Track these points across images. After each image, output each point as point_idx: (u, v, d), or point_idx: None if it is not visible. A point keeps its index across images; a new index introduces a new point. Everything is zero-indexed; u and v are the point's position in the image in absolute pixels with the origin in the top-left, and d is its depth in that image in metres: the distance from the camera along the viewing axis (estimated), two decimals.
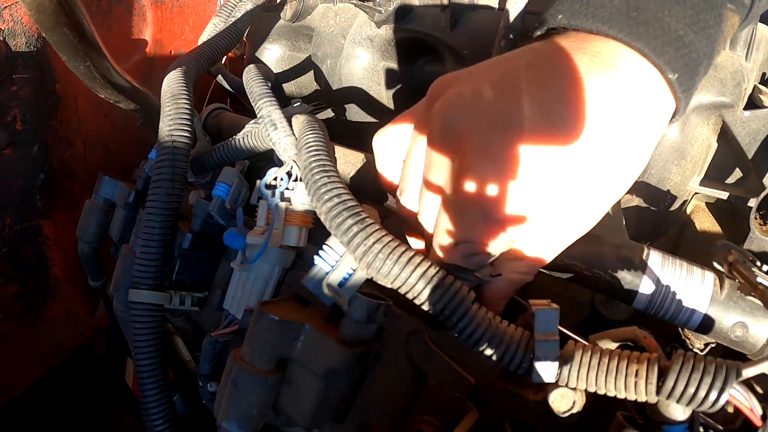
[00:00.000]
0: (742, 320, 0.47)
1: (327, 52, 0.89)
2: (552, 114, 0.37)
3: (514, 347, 0.39)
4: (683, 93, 0.38)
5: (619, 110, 0.37)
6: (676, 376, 0.34)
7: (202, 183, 0.73)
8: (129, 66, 0.93)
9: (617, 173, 0.40)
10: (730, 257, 0.46)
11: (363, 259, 0.41)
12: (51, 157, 0.84)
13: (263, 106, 0.63)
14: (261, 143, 0.65)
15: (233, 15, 0.83)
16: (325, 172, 0.47)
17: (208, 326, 0.65)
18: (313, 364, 0.43)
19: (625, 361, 0.37)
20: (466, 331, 0.40)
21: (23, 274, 0.85)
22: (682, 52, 0.37)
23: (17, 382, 0.93)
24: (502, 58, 0.42)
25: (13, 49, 0.75)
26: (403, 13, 0.81)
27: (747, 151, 0.66)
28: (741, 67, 0.65)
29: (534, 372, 0.38)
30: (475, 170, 0.39)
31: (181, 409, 0.74)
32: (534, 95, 0.38)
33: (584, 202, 0.40)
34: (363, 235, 0.41)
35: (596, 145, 0.38)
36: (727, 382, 0.33)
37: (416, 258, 0.41)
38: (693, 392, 0.34)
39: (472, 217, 0.41)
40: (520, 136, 0.38)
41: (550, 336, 0.38)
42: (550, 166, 0.38)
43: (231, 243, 0.57)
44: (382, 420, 0.49)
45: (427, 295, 0.40)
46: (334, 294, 0.45)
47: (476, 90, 0.40)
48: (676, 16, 0.37)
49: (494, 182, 0.39)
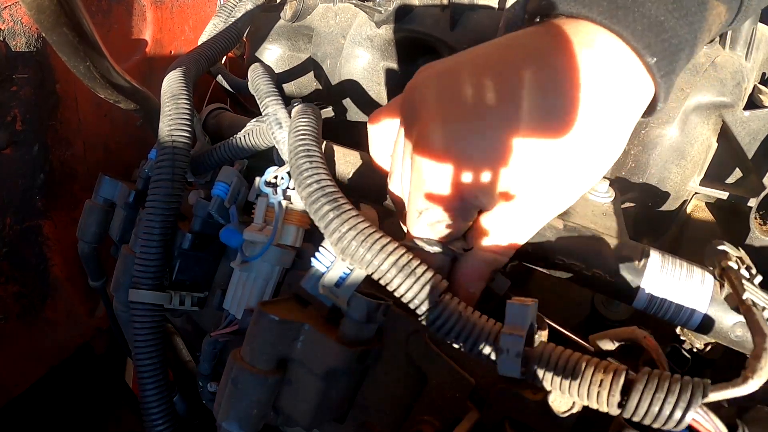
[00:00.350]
0: (742, 320, 0.46)
1: (327, 52, 0.89)
2: (511, 88, 0.38)
3: (483, 338, 0.39)
4: (662, 78, 0.39)
5: (593, 91, 0.38)
6: (640, 393, 0.33)
7: (202, 183, 0.73)
8: (129, 66, 0.93)
9: (591, 157, 0.40)
10: (723, 263, 0.45)
11: (337, 245, 0.42)
12: (51, 157, 0.84)
13: (269, 104, 0.63)
14: (263, 141, 0.65)
15: (233, 15, 0.83)
16: (308, 157, 0.47)
17: (208, 326, 0.65)
18: (313, 364, 0.43)
19: (592, 369, 0.36)
20: (437, 322, 0.40)
21: (23, 274, 0.85)
22: (663, 37, 0.37)
23: (17, 382, 0.93)
24: (474, 48, 0.44)
25: (13, 49, 0.75)
26: (403, 13, 0.81)
27: (747, 151, 0.66)
28: (741, 67, 0.65)
29: (498, 365, 0.38)
30: (430, 138, 0.40)
31: (181, 409, 0.74)
32: (497, 71, 0.39)
33: (557, 184, 0.40)
34: (338, 222, 0.41)
35: (570, 127, 0.38)
36: (692, 403, 0.32)
37: (389, 246, 0.41)
38: (657, 411, 0.33)
39: (431, 185, 0.41)
40: (477, 104, 0.39)
41: (517, 330, 0.38)
42: (501, 140, 0.39)
43: (228, 240, 0.57)
44: (382, 420, 0.49)
45: (398, 282, 0.40)
46: (331, 294, 0.45)
47: (441, 69, 0.42)
48: (657, 2, 0.37)
49: (449, 148, 0.39)
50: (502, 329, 0.38)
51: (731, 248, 0.46)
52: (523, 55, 0.39)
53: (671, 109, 0.65)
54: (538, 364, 0.37)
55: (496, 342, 0.38)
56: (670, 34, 0.38)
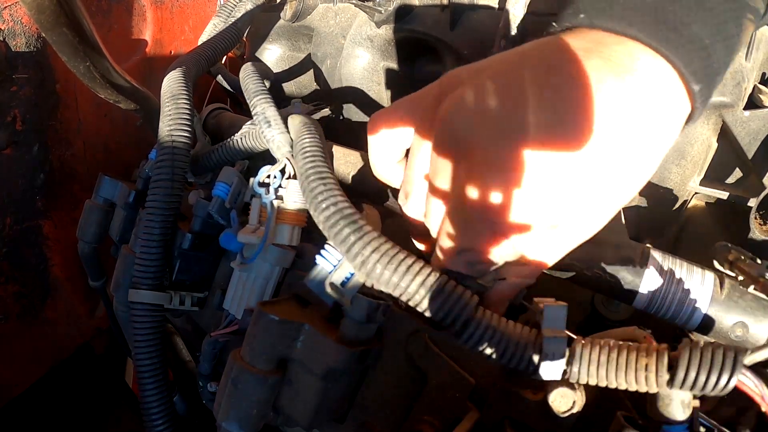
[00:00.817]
0: (743, 320, 0.47)
1: (327, 52, 0.89)
2: (558, 121, 0.36)
3: (523, 346, 0.39)
4: (702, 104, 0.37)
5: (629, 117, 0.36)
6: (686, 367, 0.35)
7: (202, 183, 0.73)
8: (129, 66, 0.93)
9: (625, 181, 0.38)
10: (731, 256, 0.46)
11: (362, 269, 0.41)
12: (51, 157, 0.84)
13: (257, 103, 0.62)
14: (258, 143, 0.65)
15: (233, 15, 0.83)
16: (321, 179, 0.46)
17: (208, 326, 0.65)
18: (313, 364, 0.43)
19: (635, 355, 0.36)
20: (473, 338, 0.39)
21: (23, 274, 0.85)
22: (707, 62, 0.36)
23: (17, 382, 0.93)
24: (508, 58, 0.40)
25: (13, 49, 0.75)
26: (403, 13, 0.81)
27: (747, 151, 0.66)
28: (741, 67, 0.65)
29: (541, 370, 0.38)
30: (480, 179, 0.38)
31: (181, 409, 0.74)
32: (540, 101, 0.36)
33: (591, 210, 0.39)
34: (360, 245, 0.40)
35: (605, 154, 0.36)
36: (735, 367, 0.34)
37: (415, 266, 0.40)
38: (704, 380, 0.34)
39: (476, 226, 0.40)
40: (525, 144, 0.36)
41: (558, 333, 0.38)
42: (557, 175, 0.37)
43: (227, 245, 0.57)
44: (382, 420, 0.49)
45: (428, 303, 0.39)
46: (337, 294, 0.45)
47: (481, 95, 0.38)
48: (703, 24, 0.36)
49: (500, 192, 0.38)
50: (543, 333, 0.38)
51: (732, 246, 0.47)
52: (574, 84, 0.36)
53: None
54: (582, 362, 0.37)
55: (534, 348, 0.38)
56: (713, 59, 0.36)
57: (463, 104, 0.39)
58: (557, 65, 0.37)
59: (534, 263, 0.43)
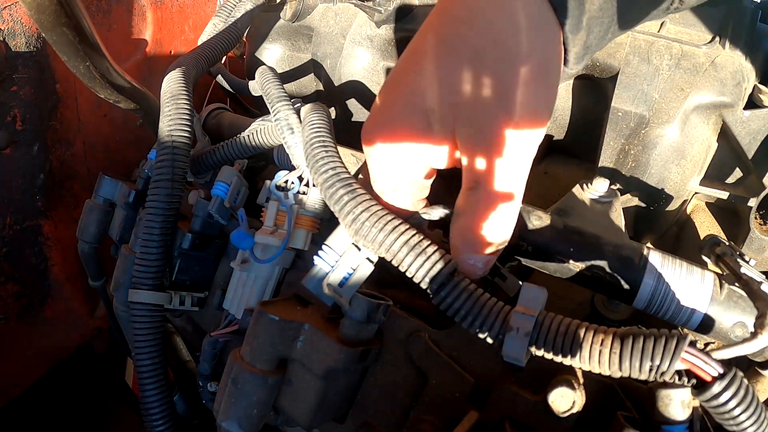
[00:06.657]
0: (742, 320, 0.46)
1: (327, 51, 0.89)
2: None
3: (493, 316, 0.39)
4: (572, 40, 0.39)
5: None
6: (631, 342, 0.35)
7: (202, 183, 0.73)
8: (129, 66, 0.93)
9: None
10: (718, 250, 0.47)
11: (351, 226, 0.42)
12: (51, 157, 0.84)
13: (281, 109, 0.63)
14: (269, 140, 0.65)
15: (233, 15, 0.83)
16: (323, 146, 0.49)
17: (208, 326, 0.65)
18: (313, 364, 0.43)
19: (592, 332, 0.37)
20: (446, 300, 0.40)
21: (23, 274, 0.85)
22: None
23: (17, 382, 0.93)
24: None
25: (13, 49, 0.75)
26: (403, 13, 0.81)
27: (747, 151, 0.66)
28: (741, 67, 0.65)
29: (505, 343, 0.38)
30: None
31: (181, 409, 0.74)
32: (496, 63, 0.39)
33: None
34: (353, 204, 0.42)
35: None
36: (679, 345, 0.35)
37: (401, 227, 0.41)
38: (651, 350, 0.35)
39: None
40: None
41: (529, 311, 0.38)
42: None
43: (239, 243, 0.56)
44: (382, 420, 0.49)
45: (410, 261, 0.41)
46: (335, 294, 0.45)
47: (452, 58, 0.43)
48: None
49: None
50: (515, 308, 0.39)
51: (723, 239, 0.47)
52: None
53: (671, 109, 0.65)
54: (540, 329, 0.38)
55: (505, 321, 0.39)
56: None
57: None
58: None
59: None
